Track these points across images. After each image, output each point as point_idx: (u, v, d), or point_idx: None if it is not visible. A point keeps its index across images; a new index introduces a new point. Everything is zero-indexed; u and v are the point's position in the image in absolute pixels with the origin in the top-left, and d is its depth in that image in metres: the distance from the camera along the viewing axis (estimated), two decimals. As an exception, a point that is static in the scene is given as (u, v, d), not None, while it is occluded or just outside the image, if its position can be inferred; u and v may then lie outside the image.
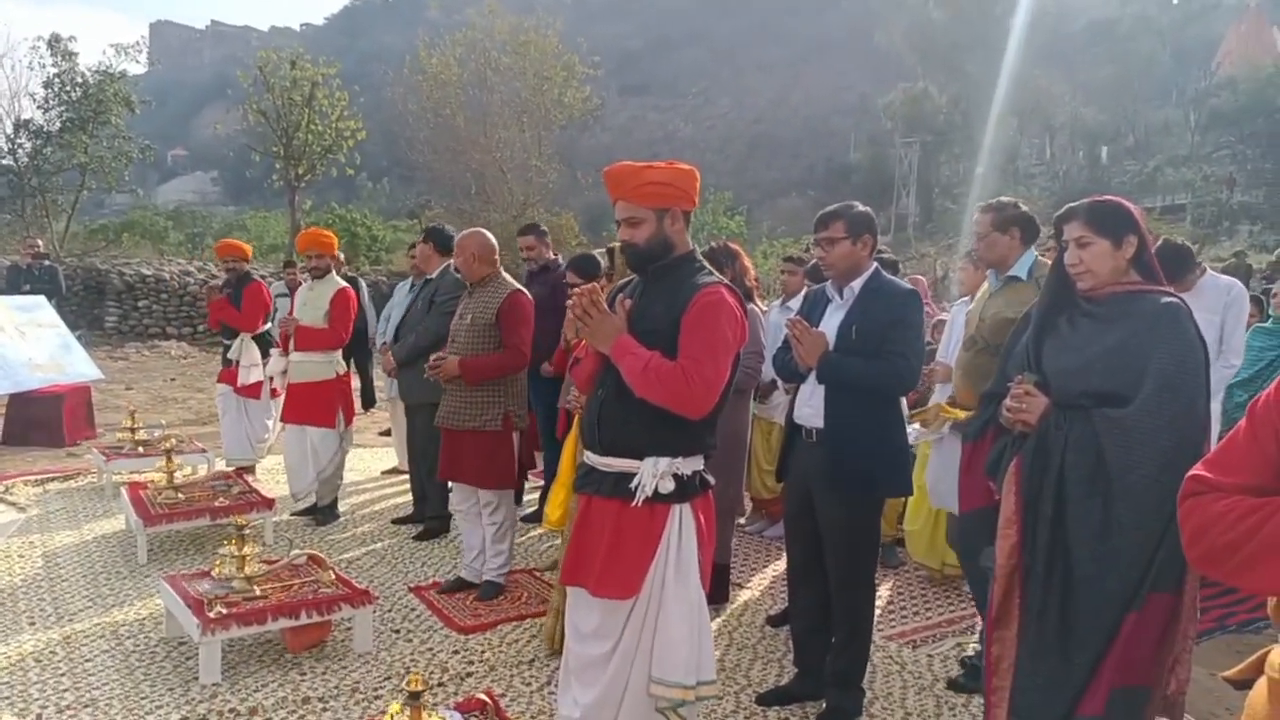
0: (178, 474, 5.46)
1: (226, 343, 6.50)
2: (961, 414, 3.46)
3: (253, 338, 6.39)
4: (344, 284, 5.65)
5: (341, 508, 5.90)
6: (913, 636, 3.99)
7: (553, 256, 5.87)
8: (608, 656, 2.50)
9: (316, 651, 3.72)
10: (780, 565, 4.96)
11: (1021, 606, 2.40)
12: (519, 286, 4.40)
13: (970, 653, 3.64)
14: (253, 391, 6.34)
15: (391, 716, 2.54)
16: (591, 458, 2.59)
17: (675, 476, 2.45)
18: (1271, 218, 29.87)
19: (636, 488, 2.43)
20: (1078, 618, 2.32)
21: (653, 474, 2.42)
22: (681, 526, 2.49)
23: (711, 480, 2.61)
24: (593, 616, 2.53)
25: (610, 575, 2.45)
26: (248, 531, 3.90)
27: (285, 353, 5.74)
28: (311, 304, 5.53)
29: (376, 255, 24.63)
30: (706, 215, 29.80)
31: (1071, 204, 2.51)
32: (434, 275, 5.36)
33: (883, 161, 44.26)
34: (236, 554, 3.80)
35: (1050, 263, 3.41)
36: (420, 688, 2.53)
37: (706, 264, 2.63)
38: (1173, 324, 2.28)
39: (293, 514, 5.61)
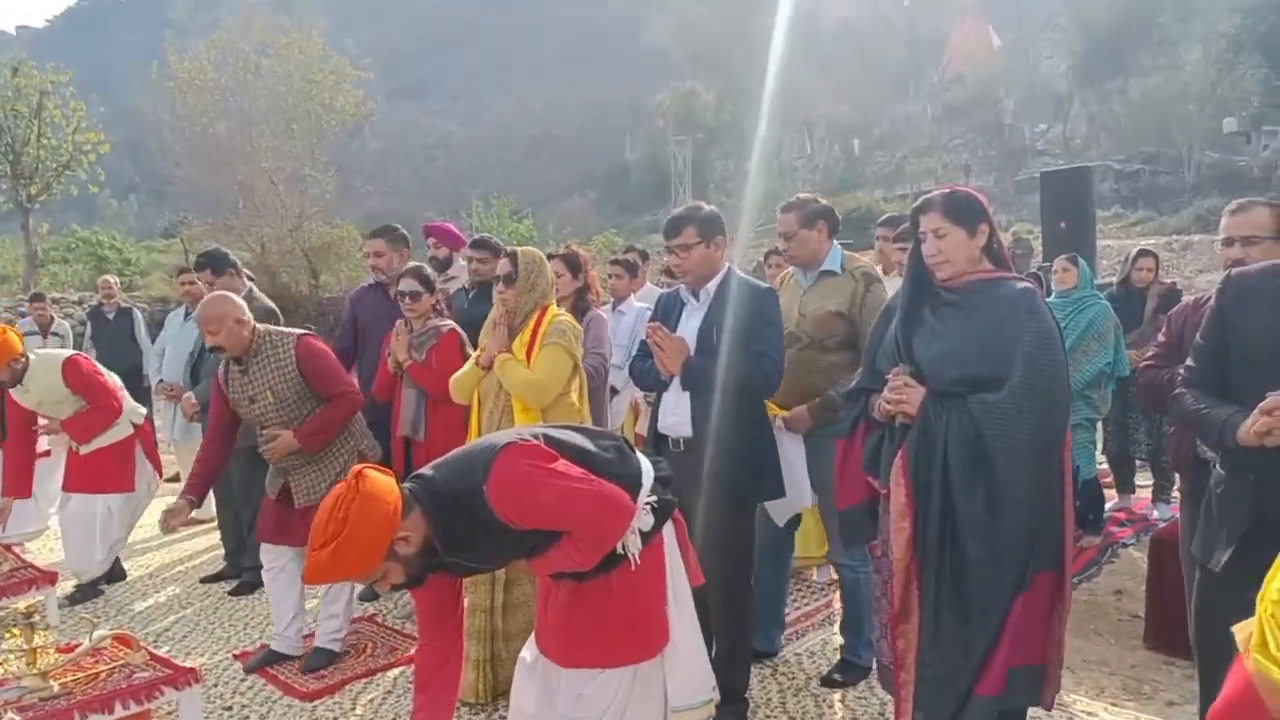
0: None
1: None
2: (784, 411, 3.42)
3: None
4: (63, 356, 4.69)
5: (138, 570, 5.23)
6: (779, 639, 3.99)
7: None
8: (608, 707, 2.30)
9: (135, 747, 3.23)
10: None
11: (920, 598, 2.42)
12: (295, 331, 3.75)
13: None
14: None
15: None
16: None
17: (648, 507, 2.27)
18: (1003, 200, 33.28)
19: (624, 551, 2.23)
20: (972, 603, 2.36)
21: (633, 531, 2.22)
22: (671, 550, 2.36)
23: (669, 473, 2.44)
24: (597, 679, 2.30)
25: (633, 640, 2.27)
26: (34, 619, 3.32)
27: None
28: (44, 398, 4.61)
29: (130, 280, 22.42)
30: (492, 220, 29.41)
31: (927, 195, 2.57)
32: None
33: (659, 159, 45.47)
34: (24, 647, 3.23)
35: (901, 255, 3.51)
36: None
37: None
38: (1031, 307, 2.38)
39: (76, 587, 4.87)
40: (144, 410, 5.05)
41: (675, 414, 3.09)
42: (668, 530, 2.37)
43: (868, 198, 32.54)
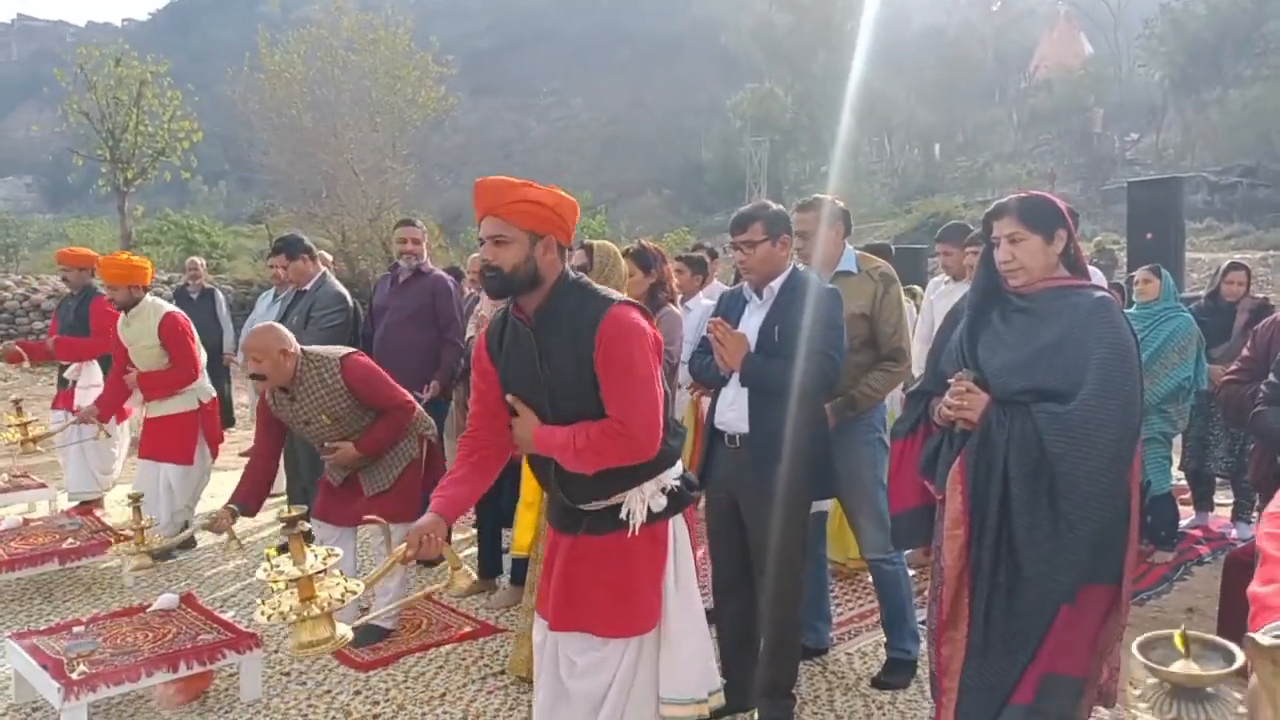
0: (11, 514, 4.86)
1: (62, 362, 5.84)
2: None
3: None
4: (167, 308, 4.99)
5: (209, 539, 5.40)
6: (829, 635, 3.96)
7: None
8: (609, 686, 2.33)
9: (198, 705, 3.37)
10: (685, 570, 4.88)
11: (970, 607, 2.38)
12: (340, 352, 3.80)
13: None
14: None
15: None
16: (564, 500, 2.39)
17: (664, 491, 2.31)
18: (1088, 209, 32.26)
19: (628, 517, 2.27)
20: (1023, 617, 2.31)
21: (641, 500, 2.28)
22: (678, 541, 2.37)
23: (695, 480, 2.49)
24: (593, 652, 2.34)
25: (623, 611, 2.29)
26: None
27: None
28: (137, 344, 4.88)
29: (217, 263, 23.20)
30: (567, 215, 29.59)
31: (1001, 200, 2.51)
32: (308, 287, 4.97)
33: (734, 160, 45.17)
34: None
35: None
36: None
37: (586, 279, 2.39)
38: (1108, 319, 2.30)
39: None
40: (213, 392, 5.25)
41: (733, 410, 3.09)
42: (679, 523, 2.38)
43: (946, 203, 31.83)
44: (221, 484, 6.79)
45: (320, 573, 2.05)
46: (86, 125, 19.68)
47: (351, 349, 3.93)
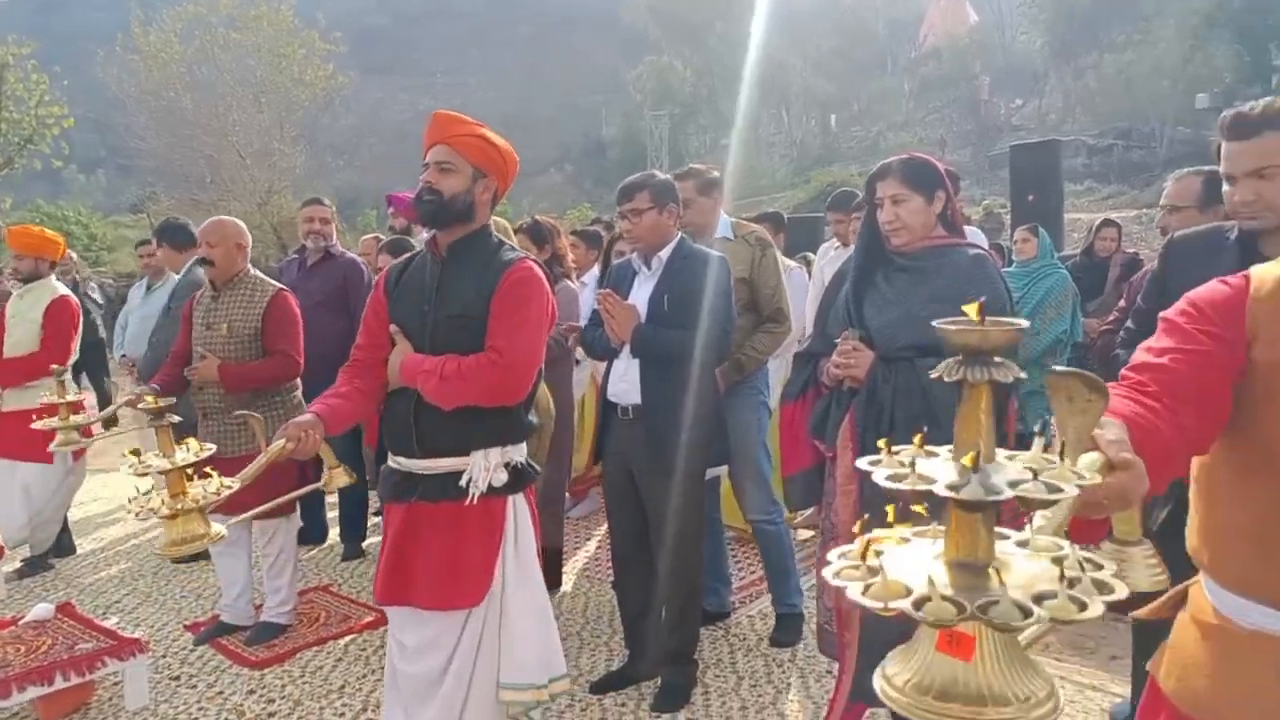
0: None
1: None
2: None
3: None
4: (63, 291, 4.73)
5: (90, 544, 5.17)
6: (730, 599, 4.01)
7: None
8: (444, 670, 2.28)
9: (78, 717, 3.20)
10: (590, 546, 4.87)
11: (864, 559, 2.42)
12: (281, 286, 3.82)
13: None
14: None
15: None
16: (404, 463, 2.35)
17: (507, 466, 2.28)
18: (977, 174, 33.33)
19: (469, 484, 2.24)
20: None
21: (484, 468, 2.24)
22: (518, 521, 2.33)
23: (536, 467, 2.46)
24: (426, 630, 2.30)
25: (450, 583, 2.24)
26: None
27: None
28: (20, 316, 4.59)
29: (96, 256, 22.12)
30: (467, 195, 29.09)
31: (884, 161, 2.54)
32: (180, 274, 4.75)
33: (635, 135, 45.13)
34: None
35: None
36: None
37: (508, 240, 2.46)
38: (984, 274, 2.38)
39: (25, 561, 4.79)
40: (80, 391, 4.94)
41: (625, 381, 3.07)
42: (520, 505, 2.36)
43: (843, 172, 32.48)
44: (105, 486, 6.52)
45: (190, 467, 1.97)
46: (-57, 113, 18.41)
47: (285, 289, 3.82)
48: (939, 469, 0.86)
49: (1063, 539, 0.86)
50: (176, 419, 2.08)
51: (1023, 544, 0.88)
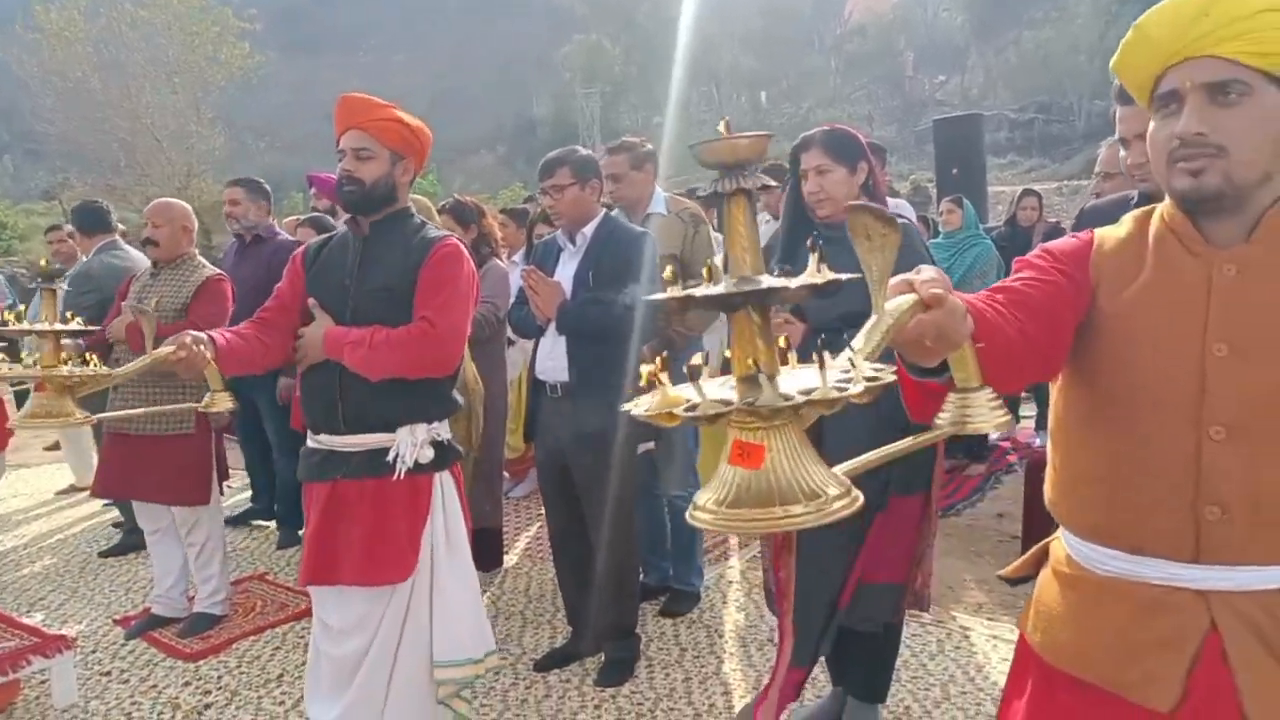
0: None
1: None
2: None
3: None
4: None
5: (12, 541, 4.99)
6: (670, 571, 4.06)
7: (269, 222, 4.92)
8: (362, 655, 2.28)
9: (4, 718, 3.10)
10: (533, 526, 4.87)
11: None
12: (219, 271, 3.73)
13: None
14: None
15: None
16: (328, 440, 2.32)
17: (434, 443, 2.28)
18: (904, 150, 33.92)
19: (395, 460, 2.23)
20: (842, 527, 2.42)
21: (411, 444, 2.23)
22: (445, 497, 2.33)
23: (460, 448, 2.47)
24: (352, 610, 2.29)
25: (378, 559, 2.22)
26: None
27: None
28: None
29: (8, 245, 21.19)
30: (395, 176, 28.57)
31: (806, 133, 2.57)
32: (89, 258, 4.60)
33: (566, 114, 44.81)
34: None
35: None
36: None
37: (433, 221, 2.46)
38: (908, 243, 2.42)
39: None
40: None
41: (552, 359, 3.07)
42: (447, 481, 2.36)
43: (774, 148, 32.74)
44: (25, 481, 6.29)
45: (64, 334, 2.00)
46: None
47: (224, 275, 3.75)
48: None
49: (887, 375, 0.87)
50: (64, 287, 2.09)
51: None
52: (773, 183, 0.92)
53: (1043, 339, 1.23)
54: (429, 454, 2.27)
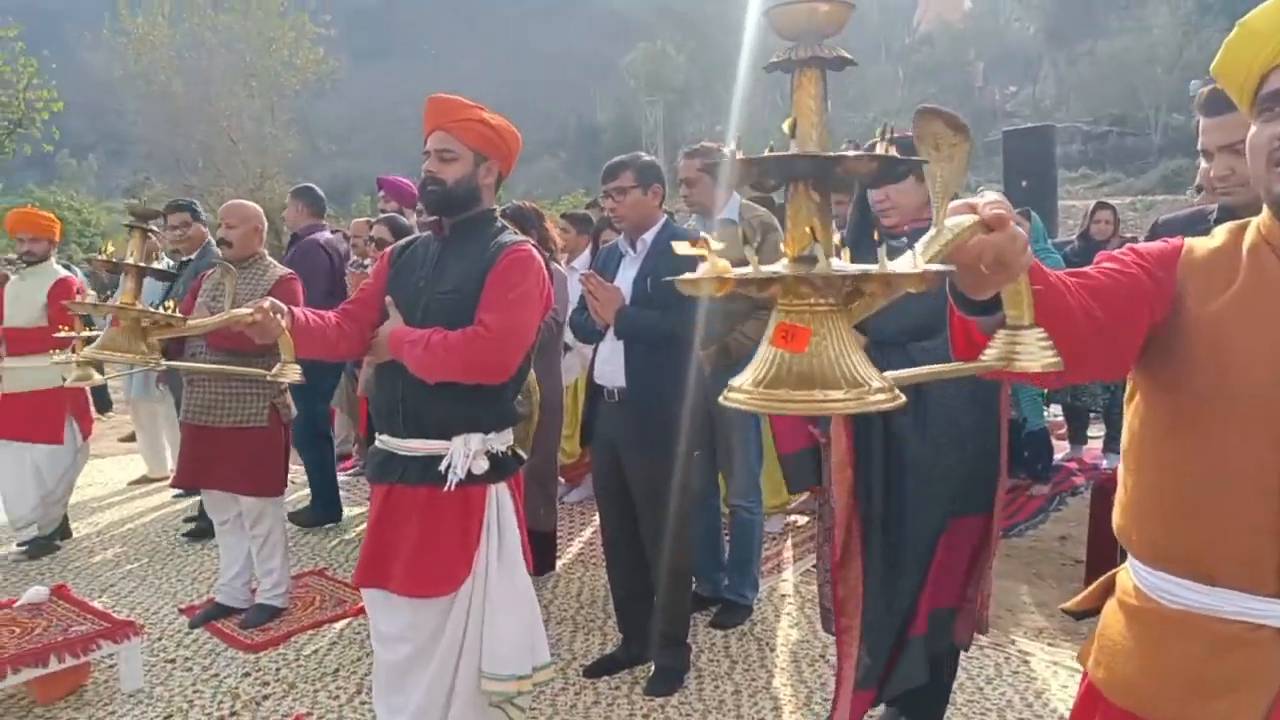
0: None
1: None
2: None
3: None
4: (64, 272, 4.80)
5: (86, 529, 5.17)
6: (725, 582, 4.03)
7: (322, 222, 5.34)
8: (424, 656, 2.29)
9: (74, 700, 3.20)
10: (586, 531, 4.89)
11: (861, 545, 2.44)
12: (289, 270, 3.83)
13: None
14: None
15: None
16: (389, 442, 2.35)
17: (489, 454, 2.27)
18: (972, 162, 33.19)
19: (447, 470, 2.22)
20: (903, 547, 2.38)
21: (464, 454, 2.22)
22: (500, 510, 2.31)
23: (523, 455, 2.46)
24: (399, 617, 2.30)
25: (422, 571, 2.23)
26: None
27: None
28: (24, 298, 4.65)
29: (90, 241, 21.99)
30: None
31: (874, 141, 2.53)
32: (195, 257, 4.76)
33: (630, 120, 44.98)
34: None
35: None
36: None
37: (509, 225, 2.46)
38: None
39: (20, 546, 4.80)
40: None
41: (610, 364, 3.08)
42: (502, 494, 2.33)
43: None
44: (101, 471, 6.51)
45: (147, 271, 2.14)
46: (-70, 97, 18.25)
47: (294, 274, 3.82)
48: None
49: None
50: (156, 229, 2.19)
51: None
52: (849, 56, 0.88)
53: (1111, 328, 1.18)
54: (483, 465, 2.25)
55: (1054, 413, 6.57)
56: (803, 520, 4.89)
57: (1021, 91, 41.05)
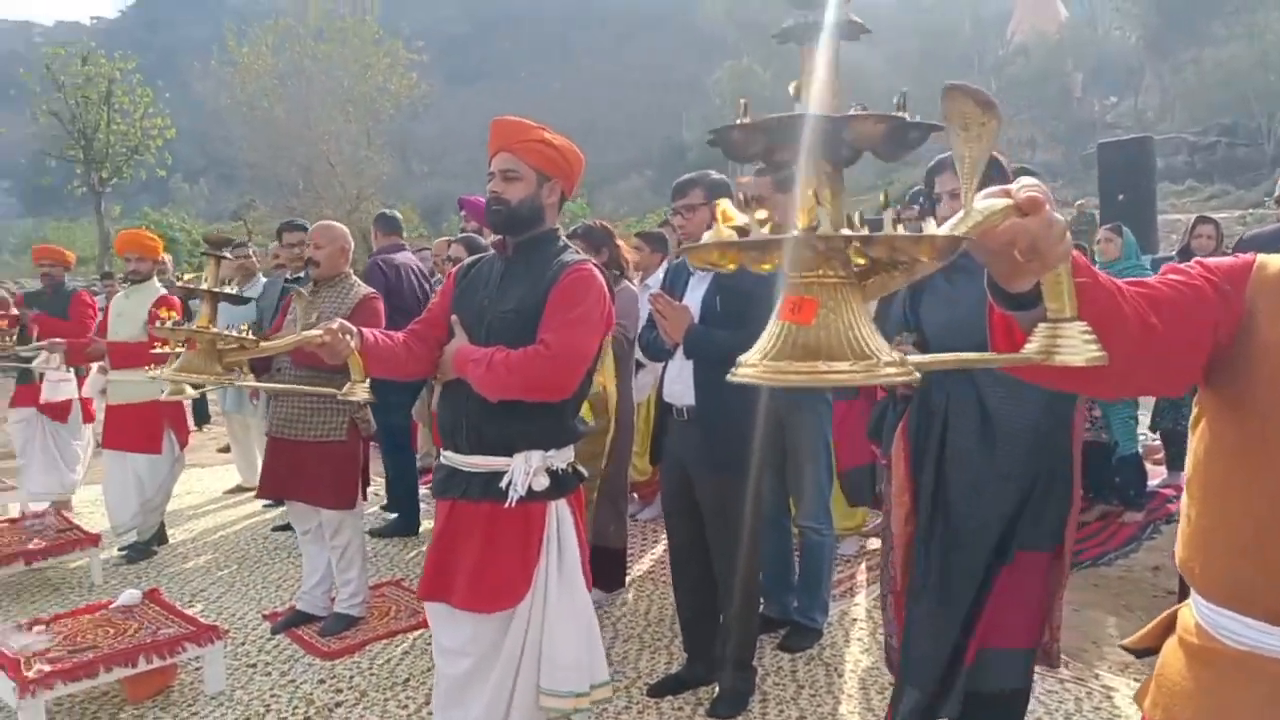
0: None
1: (24, 356, 5.66)
2: None
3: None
4: (164, 291, 5.06)
5: (181, 535, 5.41)
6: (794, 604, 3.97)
7: (400, 241, 5.60)
8: (484, 670, 2.31)
9: (161, 699, 3.35)
10: (657, 549, 4.88)
11: (914, 571, 2.38)
12: (373, 290, 3.94)
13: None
14: (60, 412, 5.50)
15: None
16: (452, 458, 2.39)
17: (549, 472, 2.29)
18: (1069, 174, 32.27)
19: (508, 487, 2.25)
20: (953, 573, 2.31)
21: (525, 471, 2.25)
22: (560, 526, 2.32)
23: (585, 473, 2.48)
24: (461, 631, 2.33)
25: (483, 586, 2.25)
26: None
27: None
28: (128, 314, 4.93)
29: (199, 261, 23.08)
30: (547, 200, 29.49)
31: (941, 156, 2.49)
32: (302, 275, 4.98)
33: (716, 139, 44.93)
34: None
35: None
36: None
37: (573, 245, 2.49)
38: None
39: (120, 550, 5.05)
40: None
41: (679, 382, 3.08)
42: (563, 510, 2.34)
43: (918, 175, 31.87)
44: (199, 480, 6.81)
45: (221, 296, 2.33)
46: (58, 126, 19.51)
47: (377, 293, 3.95)
48: None
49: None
50: (229, 256, 2.31)
51: None
52: (860, 22, 0.87)
53: (1167, 339, 1.12)
54: (544, 482, 2.27)
55: (1151, 437, 6.29)
56: (878, 544, 4.78)
57: (1123, 102, 39.60)
